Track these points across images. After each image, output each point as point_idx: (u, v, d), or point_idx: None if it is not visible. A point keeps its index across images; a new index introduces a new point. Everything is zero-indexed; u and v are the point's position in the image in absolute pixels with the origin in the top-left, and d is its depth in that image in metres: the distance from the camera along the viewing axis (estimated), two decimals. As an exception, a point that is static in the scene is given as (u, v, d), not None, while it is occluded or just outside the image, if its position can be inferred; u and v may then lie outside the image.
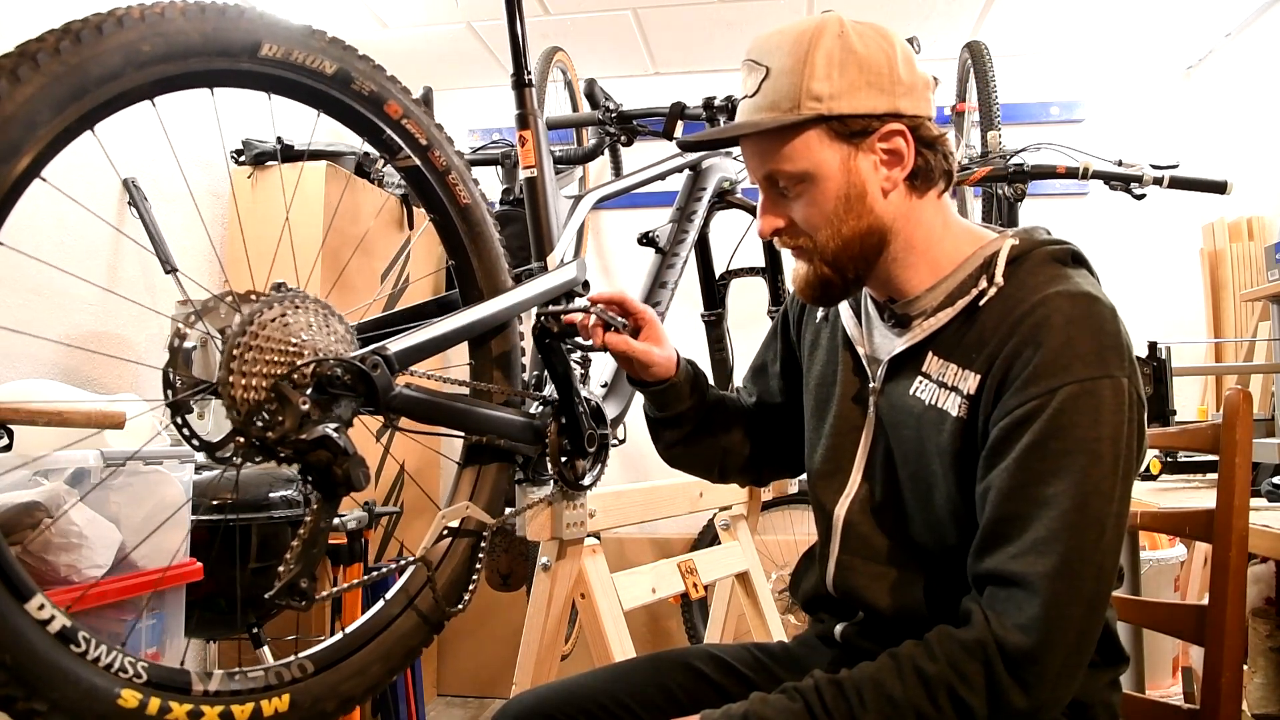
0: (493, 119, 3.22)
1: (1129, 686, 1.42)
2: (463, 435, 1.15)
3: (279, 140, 2.42)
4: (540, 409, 1.22)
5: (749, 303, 2.52)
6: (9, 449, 1.25)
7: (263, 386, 0.82)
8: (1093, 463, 0.78)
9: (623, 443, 1.44)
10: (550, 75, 2.60)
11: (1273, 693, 1.48)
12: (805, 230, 0.91)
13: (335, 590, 1.04)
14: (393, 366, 0.93)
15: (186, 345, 0.83)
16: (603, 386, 1.49)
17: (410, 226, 2.72)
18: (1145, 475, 1.86)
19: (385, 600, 1.02)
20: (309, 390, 0.85)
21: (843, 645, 1.01)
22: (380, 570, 1.11)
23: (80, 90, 0.70)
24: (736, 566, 1.87)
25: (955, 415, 0.86)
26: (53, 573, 1.25)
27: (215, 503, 1.62)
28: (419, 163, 1.07)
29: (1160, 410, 1.86)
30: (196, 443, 0.84)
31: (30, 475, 1.28)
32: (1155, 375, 1.86)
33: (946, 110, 2.84)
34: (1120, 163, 1.98)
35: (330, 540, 1.72)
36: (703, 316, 2.17)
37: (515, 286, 1.19)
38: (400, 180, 2.44)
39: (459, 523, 1.09)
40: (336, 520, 1.35)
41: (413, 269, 2.78)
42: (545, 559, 1.39)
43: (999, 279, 0.87)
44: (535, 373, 1.30)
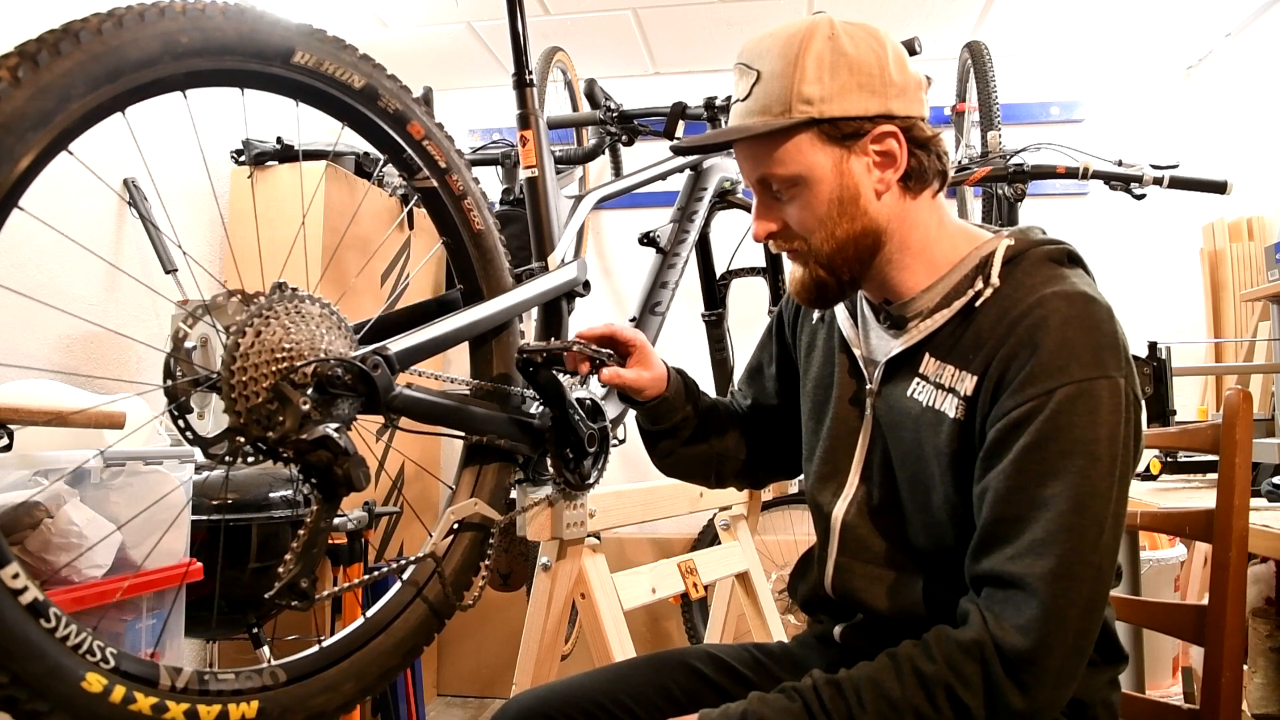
0: (493, 119, 3.22)
1: (1129, 686, 1.42)
2: (463, 435, 1.15)
3: (279, 140, 2.42)
4: (540, 409, 1.22)
5: (749, 303, 2.52)
6: (9, 449, 1.25)
7: (264, 387, 0.82)
8: (1090, 464, 0.78)
9: (623, 442, 1.44)
10: (550, 75, 2.60)
11: (1273, 693, 1.48)
12: (799, 233, 0.91)
13: (335, 590, 1.03)
14: (393, 366, 0.93)
15: (187, 345, 0.84)
16: (603, 386, 1.49)
17: (410, 226, 2.72)
18: (1145, 475, 1.86)
19: (365, 617, 0.99)
20: (310, 390, 0.85)
21: (842, 646, 1.01)
22: (381, 569, 1.10)
23: (116, 72, 0.72)
24: (736, 566, 1.87)
25: (953, 417, 0.86)
26: (53, 573, 1.25)
27: (215, 503, 1.62)
28: (437, 185, 1.08)
29: (1160, 410, 1.86)
30: (191, 435, 0.84)
31: (30, 475, 1.28)
32: (1155, 375, 1.86)
33: (946, 110, 2.84)
34: (1120, 163, 1.98)
35: (330, 540, 1.72)
36: (703, 316, 2.17)
37: (516, 286, 1.19)
38: (400, 180, 2.45)
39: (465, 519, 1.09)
40: (336, 520, 1.34)
41: (413, 269, 2.78)
42: (545, 559, 1.39)
43: (995, 280, 0.87)
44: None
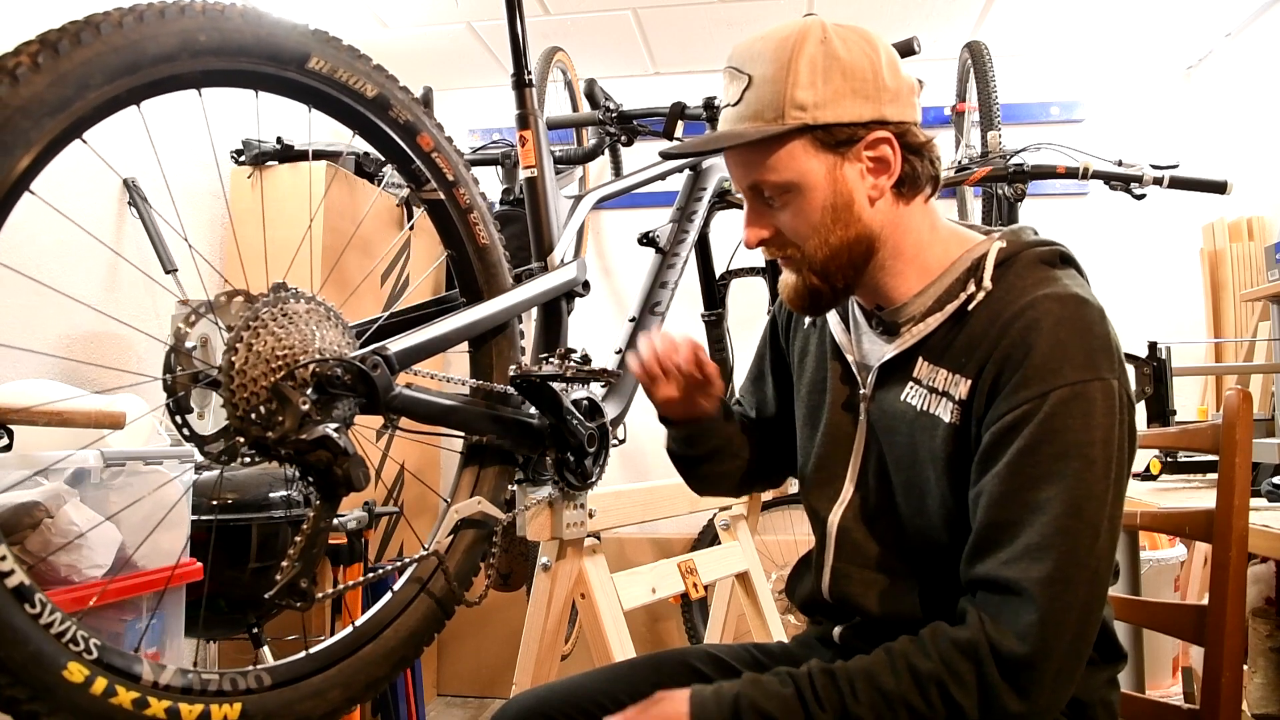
0: (493, 119, 3.22)
1: (1129, 686, 1.42)
2: (463, 435, 1.15)
3: (279, 140, 2.42)
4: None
5: (749, 303, 2.52)
6: (9, 449, 1.25)
7: (263, 387, 0.82)
8: (1086, 467, 0.77)
9: (623, 442, 1.44)
10: (550, 75, 2.60)
11: (1273, 693, 1.48)
12: (792, 240, 0.90)
13: (335, 590, 1.03)
14: (393, 366, 0.93)
15: (187, 344, 0.84)
16: (603, 386, 1.49)
17: (411, 227, 2.72)
18: (1145, 475, 1.86)
19: (354, 626, 0.99)
20: (309, 390, 0.85)
21: (841, 647, 1.01)
22: (382, 569, 1.10)
23: (134, 65, 0.73)
24: (736, 566, 1.87)
25: (947, 421, 0.86)
26: (53, 573, 1.25)
27: (215, 503, 1.62)
28: (444, 198, 1.08)
29: (1160, 410, 1.86)
30: (189, 434, 0.84)
31: (30, 475, 1.28)
32: (1155, 375, 1.86)
33: (946, 110, 2.84)
34: (1120, 163, 1.98)
35: (330, 540, 1.72)
36: (703, 316, 2.17)
37: (515, 286, 1.19)
38: (400, 181, 2.45)
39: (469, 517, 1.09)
40: (336, 520, 1.35)
41: (413, 269, 2.78)
42: (545, 559, 1.39)
43: (987, 282, 0.86)
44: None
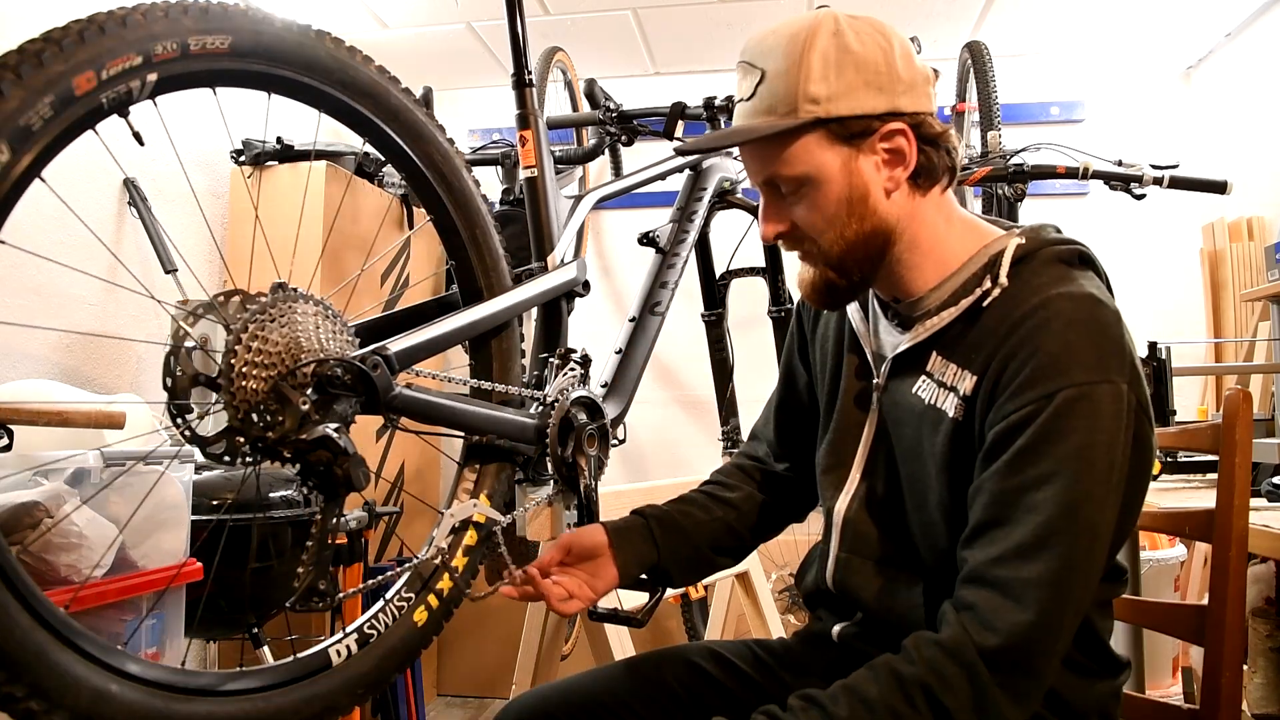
0: (493, 119, 3.22)
1: (1129, 686, 1.42)
2: (463, 435, 1.15)
3: (279, 140, 2.42)
4: (540, 409, 1.22)
5: (749, 303, 2.52)
6: (9, 449, 1.25)
7: (264, 388, 0.82)
8: (1085, 469, 0.76)
9: (623, 442, 1.44)
10: (550, 75, 2.60)
11: (1273, 693, 1.48)
12: (808, 234, 0.89)
13: (355, 590, 1.03)
14: (393, 366, 0.93)
15: (187, 344, 0.84)
16: (603, 386, 1.49)
17: (410, 226, 2.72)
18: (1145, 475, 1.86)
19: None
20: (309, 390, 0.85)
21: (840, 646, 1.00)
22: (387, 572, 1.10)
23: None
24: (736, 566, 1.87)
25: (951, 416, 0.85)
26: (53, 573, 1.24)
27: (215, 503, 1.62)
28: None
29: (1160, 410, 1.86)
30: (190, 435, 0.84)
31: (30, 475, 1.28)
32: (1155, 375, 1.86)
33: (946, 110, 2.84)
34: (1120, 163, 1.98)
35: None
36: (703, 316, 2.17)
37: (515, 286, 1.19)
38: (400, 180, 2.45)
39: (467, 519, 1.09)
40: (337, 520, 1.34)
41: (413, 269, 2.78)
42: (545, 559, 1.39)
43: (1003, 279, 0.85)
44: (535, 372, 1.30)
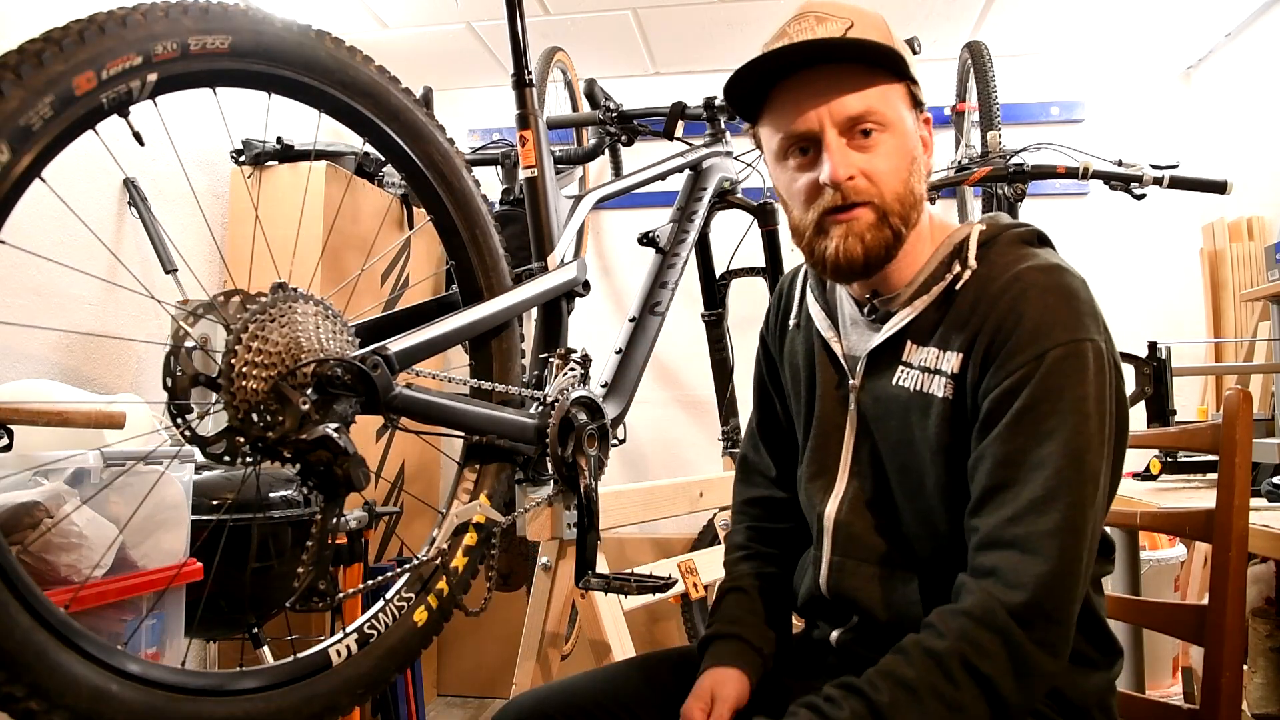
0: (493, 119, 3.22)
1: (1129, 686, 1.42)
2: (463, 435, 1.15)
3: (279, 140, 2.42)
4: (540, 409, 1.22)
5: (749, 303, 2.52)
6: (9, 449, 1.25)
7: (264, 388, 0.82)
8: (1083, 421, 0.79)
9: (623, 442, 1.44)
10: (550, 75, 2.60)
11: (1273, 693, 1.48)
12: (877, 180, 0.87)
13: (355, 590, 1.03)
14: (393, 366, 0.93)
15: (187, 344, 0.84)
16: (603, 386, 1.49)
17: (410, 226, 2.72)
18: (1145, 475, 1.86)
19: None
20: (309, 390, 0.85)
21: (838, 651, 1.00)
22: (388, 572, 1.10)
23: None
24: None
25: (941, 396, 0.87)
26: (53, 573, 1.24)
27: (215, 503, 1.62)
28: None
29: (1160, 410, 1.86)
30: (188, 434, 0.84)
31: (30, 475, 1.28)
32: (1155, 375, 1.86)
33: (946, 110, 2.84)
34: (1120, 163, 1.98)
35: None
36: (703, 316, 2.17)
37: (515, 287, 1.19)
38: (400, 180, 2.45)
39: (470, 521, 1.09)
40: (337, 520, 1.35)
41: (413, 269, 2.78)
42: (545, 559, 1.39)
43: (972, 262, 0.89)
44: (535, 372, 1.30)
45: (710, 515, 2.53)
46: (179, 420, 0.84)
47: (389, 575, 1.07)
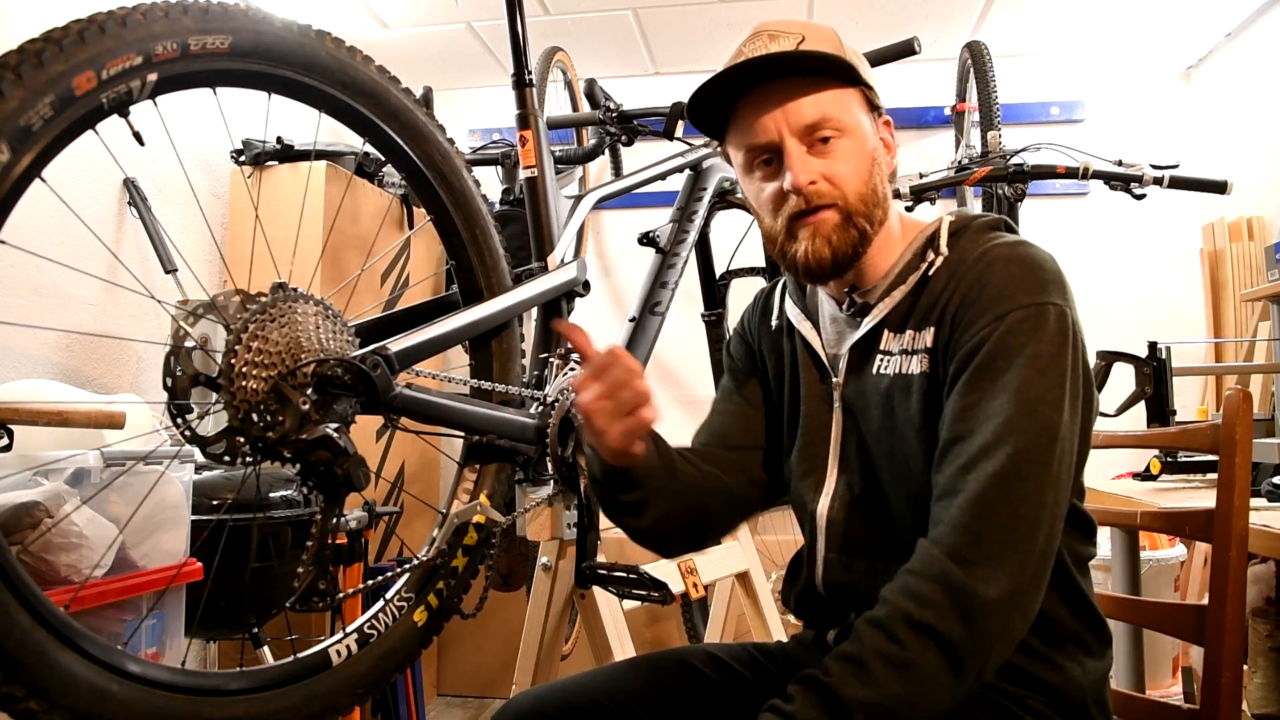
0: (493, 119, 3.22)
1: (1130, 686, 1.42)
2: (463, 435, 1.15)
3: (279, 140, 2.42)
4: (540, 409, 1.22)
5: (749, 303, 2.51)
6: (9, 449, 1.25)
7: (264, 388, 0.82)
8: (1036, 374, 0.80)
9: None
10: (550, 75, 2.60)
11: (1273, 693, 1.48)
12: (839, 183, 0.91)
13: (355, 590, 1.03)
14: (393, 366, 0.93)
15: (188, 344, 0.84)
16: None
17: (410, 226, 2.72)
18: (1145, 475, 1.86)
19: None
20: (309, 390, 0.85)
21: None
22: (388, 572, 1.10)
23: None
24: (736, 566, 1.87)
25: (920, 373, 0.89)
26: (53, 573, 1.24)
27: (215, 503, 1.62)
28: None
29: (1160, 410, 1.86)
30: (188, 434, 0.84)
31: (30, 475, 1.28)
32: (1155, 375, 1.86)
33: (946, 110, 2.84)
34: (1120, 163, 1.98)
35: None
36: (703, 316, 2.17)
37: (515, 287, 1.19)
38: (400, 180, 2.45)
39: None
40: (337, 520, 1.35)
41: (413, 269, 2.78)
42: (545, 559, 1.39)
43: (944, 249, 0.92)
44: (535, 372, 1.30)
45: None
46: (179, 420, 0.84)
47: (389, 575, 1.07)
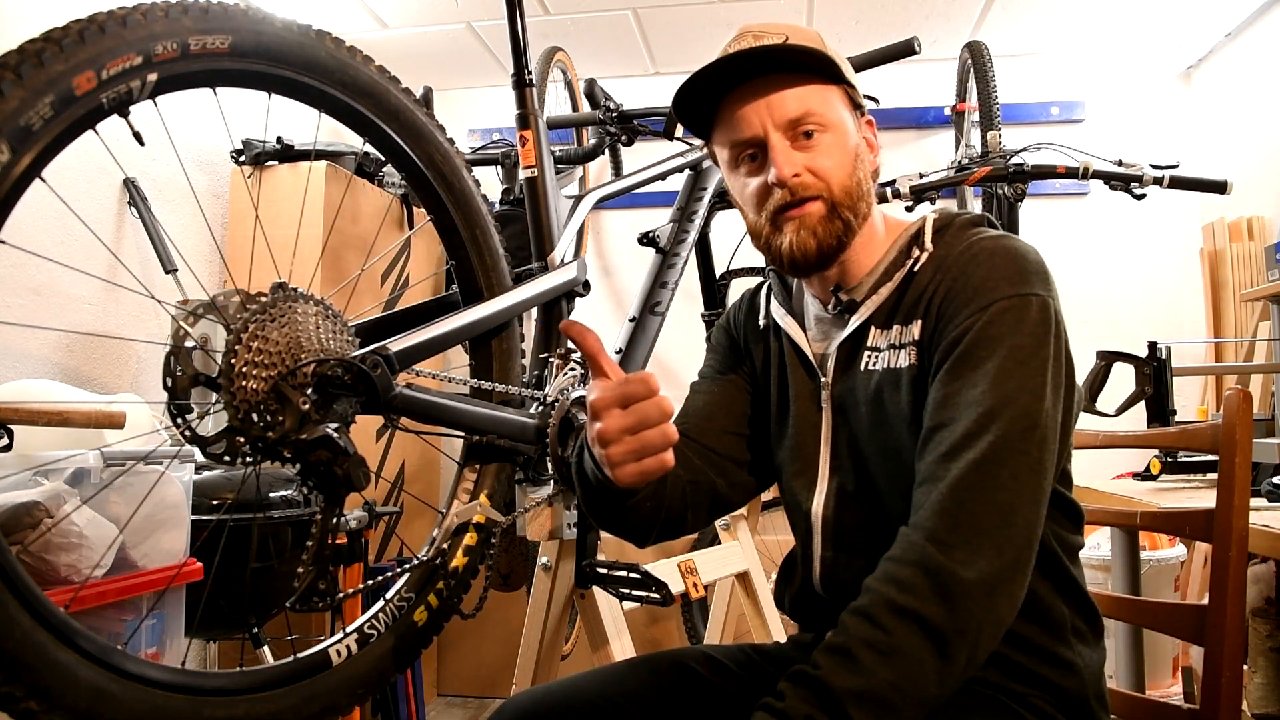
0: (493, 119, 3.22)
1: (1130, 686, 1.42)
2: (463, 435, 1.15)
3: (279, 140, 2.42)
4: (540, 409, 1.22)
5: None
6: (9, 449, 1.25)
7: (264, 388, 0.82)
8: (1016, 364, 0.81)
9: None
10: (550, 75, 2.60)
11: (1273, 693, 1.48)
12: (823, 176, 0.92)
13: (355, 590, 1.03)
14: (393, 366, 0.93)
15: (188, 344, 0.84)
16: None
17: (410, 226, 2.72)
18: (1145, 475, 1.86)
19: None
20: (310, 390, 0.85)
21: None
22: (388, 572, 1.10)
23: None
24: (736, 566, 1.87)
25: (908, 365, 0.90)
26: (53, 573, 1.24)
27: (215, 503, 1.62)
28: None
29: (1160, 410, 1.86)
30: (188, 434, 0.84)
31: (30, 475, 1.28)
32: (1155, 375, 1.86)
33: (946, 110, 2.84)
34: (1120, 163, 1.98)
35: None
36: (703, 316, 2.17)
37: (515, 287, 1.19)
38: (400, 180, 2.45)
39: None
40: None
41: (413, 269, 2.78)
42: (545, 559, 1.39)
43: (929, 245, 0.93)
44: (535, 372, 1.30)
45: (710, 515, 2.53)
46: (179, 420, 0.84)
47: (389, 575, 1.07)
